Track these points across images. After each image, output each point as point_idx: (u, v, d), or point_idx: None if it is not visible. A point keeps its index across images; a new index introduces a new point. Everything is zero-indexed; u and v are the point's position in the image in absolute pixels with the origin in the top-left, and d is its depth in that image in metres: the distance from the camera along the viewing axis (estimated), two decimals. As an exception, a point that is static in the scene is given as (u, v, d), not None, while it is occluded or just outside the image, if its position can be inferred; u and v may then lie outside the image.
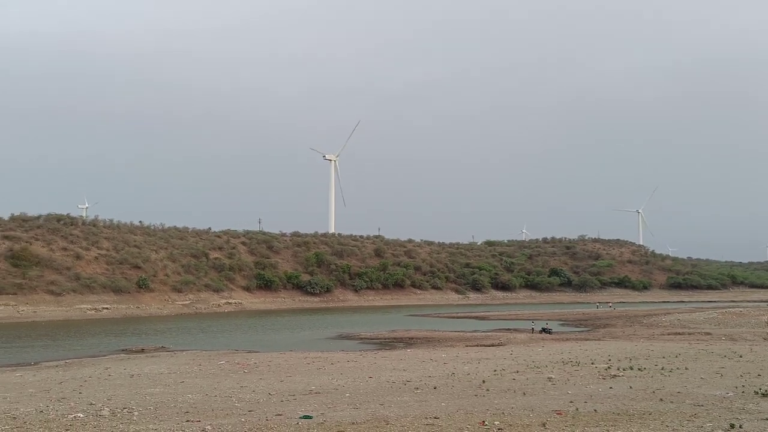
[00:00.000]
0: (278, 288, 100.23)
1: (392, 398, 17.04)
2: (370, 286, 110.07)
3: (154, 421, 13.86)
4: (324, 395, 18.10)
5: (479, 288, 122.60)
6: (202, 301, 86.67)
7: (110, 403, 16.92)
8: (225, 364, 29.03)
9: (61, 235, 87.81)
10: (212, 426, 12.91)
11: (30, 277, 74.67)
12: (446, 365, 26.22)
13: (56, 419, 14.28)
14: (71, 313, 71.07)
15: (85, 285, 77.59)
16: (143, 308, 78.68)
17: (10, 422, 13.86)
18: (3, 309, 68.38)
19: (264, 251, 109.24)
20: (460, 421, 12.95)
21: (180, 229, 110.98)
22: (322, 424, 12.98)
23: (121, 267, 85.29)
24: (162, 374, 25.26)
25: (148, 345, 41.72)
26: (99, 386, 21.73)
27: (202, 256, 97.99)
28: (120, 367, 28.80)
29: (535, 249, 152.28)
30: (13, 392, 20.55)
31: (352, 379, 22.25)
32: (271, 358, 31.69)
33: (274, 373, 25.03)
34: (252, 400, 17.32)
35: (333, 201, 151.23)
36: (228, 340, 47.49)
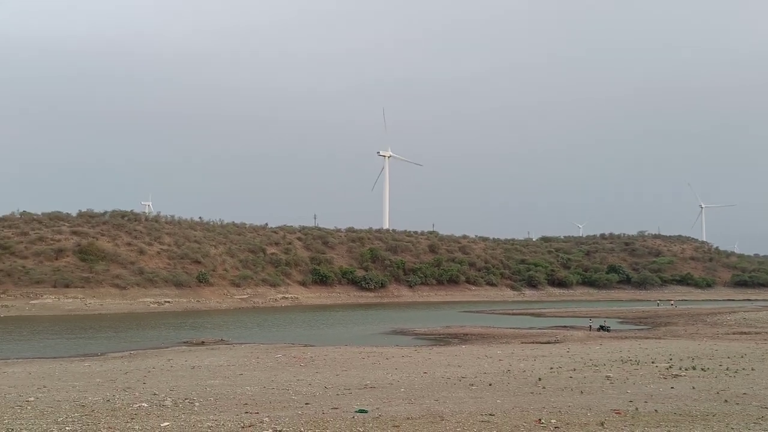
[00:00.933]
0: (333, 283, 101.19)
1: (447, 394, 17.02)
2: (425, 282, 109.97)
3: (214, 412, 14.23)
4: (379, 390, 18.22)
5: (535, 284, 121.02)
6: (260, 296, 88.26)
7: (172, 394, 17.45)
8: (282, 357, 29.52)
9: (126, 231, 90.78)
10: (270, 418, 13.16)
11: (96, 271, 77.50)
12: (501, 362, 26.02)
13: (122, 408, 14.82)
14: (135, 306, 73.46)
15: (148, 279, 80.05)
16: (203, 302, 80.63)
17: (79, 410, 14.45)
18: (72, 302, 71.22)
19: (319, 247, 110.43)
20: (516, 419, 12.85)
21: (238, 224, 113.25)
22: (377, 418, 13.08)
23: (182, 262, 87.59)
24: (221, 366, 25.88)
25: (208, 338, 42.76)
26: (162, 377, 22.42)
27: (259, 252, 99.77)
28: (181, 358, 29.63)
29: (593, 245, 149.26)
30: (82, 381, 21.40)
31: (407, 374, 22.32)
32: (327, 352, 32.05)
33: (330, 367, 25.32)
34: (308, 393, 17.58)
35: (387, 197, 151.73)
36: (284, 334, 48.24)
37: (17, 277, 72.72)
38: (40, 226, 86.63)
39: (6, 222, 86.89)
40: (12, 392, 18.32)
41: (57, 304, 70.26)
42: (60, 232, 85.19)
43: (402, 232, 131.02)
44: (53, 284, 73.32)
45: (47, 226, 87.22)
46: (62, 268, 76.52)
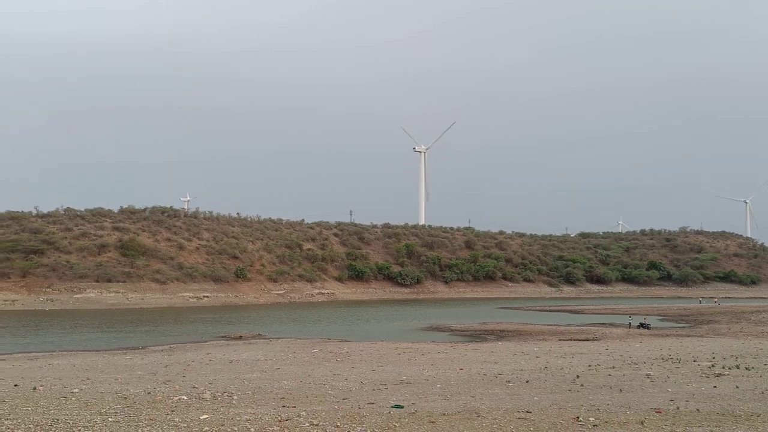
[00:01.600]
0: (369, 279, 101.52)
1: (483, 391, 16.95)
2: (461, 278, 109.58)
3: (252, 406, 14.41)
4: (415, 385, 18.23)
5: (573, 281, 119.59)
6: (296, 291, 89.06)
7: (211, 387, 17.72)
8: (318, 352, 29.74)
9: (165, 227, 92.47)
10: (307, 412, 13.27)
11: (137, 266, 79.12)
12: (538, 359, 25.80)
13: (162, 400, 15.11)
14: (174, 301, 74.82)
15: (187, 274, 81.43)
16: (241, 297, 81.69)
17: (122, 402, 14.79)
18: (114, 296, 72.88)
19: (355, 242, 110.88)
20: (553, 416, 12.72)
21: (275, 220, 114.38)
22: (413, 414, 13.09)
23: (220, 257, 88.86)
24: (259, 361, 26.19)
25: (245, 332, 43.30)
26: (201, 370, 22.80)
27: (295, 247, 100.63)
28: (220, 352, 30.08)
29: (633, 241, 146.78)
30: (124, 374, 21.89)
31: (443, 370, 22.28)
32: (363, 347, 32.18)
33: (366, 362, 25.42)
34: (345, 388, 17.68)
35: (423, 193, 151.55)
36: (321, 329, 48.59)
37: (62, 272, 74.69)
38: (84, 222, 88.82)
39: (51, 218, 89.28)
40: (57, 384, 18.84)
41: (99, 298, 71.97)
42: (102, 228, 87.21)
43: (438, 228, 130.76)
44: (96, 279, 75.11)
45: (90, 222, 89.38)
46: (104, 263, 78.32)
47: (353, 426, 11.77)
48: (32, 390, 17.22)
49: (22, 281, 72.59)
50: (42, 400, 15.01)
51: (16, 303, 67.77)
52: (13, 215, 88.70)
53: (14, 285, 71.84)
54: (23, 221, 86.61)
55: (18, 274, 73.08)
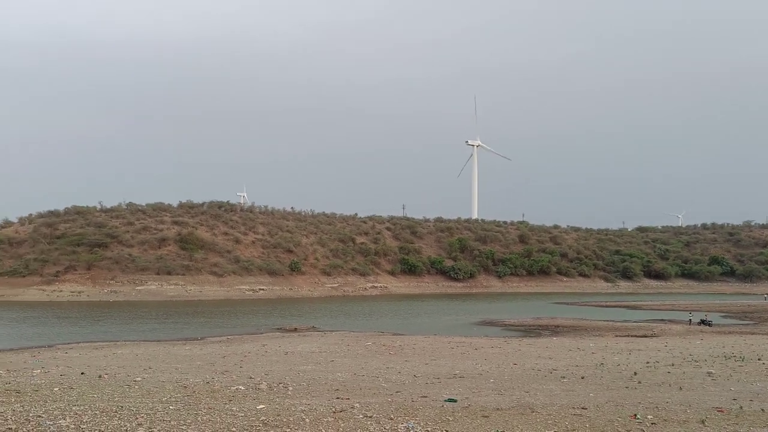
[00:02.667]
0: (422, 273, 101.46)
1: (537, 386, 16.79)
2: (514, 273, 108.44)
3: (307, 397, 14.65)
4: (468, 380, 18.19)
5: (630, 276, 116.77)
6: (350, 284, 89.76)
7: (267, 378, 18.08)
8: (372, 345, 29.96)
9: (222, 221, 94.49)
10: (360, 404, 13.41)
11: (196, 259, 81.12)
12: (594, 355, 25.37)
13: (220, 390, 15.50)
14: (231, 293, 76.43)
15: (243, 267, 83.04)
16: (295, 290, 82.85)
17: (182, 391, 15.24)
18: (173, 288, 74.98)
19: (408, 236, 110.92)
20: (610, 413, 12.52)
21: (328, 215, 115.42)
22: (466, 408, 13.08)
23: (275, 251, 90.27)
24: (313, 353, 26.56)
25: (300, 325, 43.93)
26: (257, 361, 23.27)
27: (349, 241, 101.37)
28: (275, 344, 30.63)
29: (693, 236, 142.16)
30: (184, 364, 22.53)
31: (497, 365, 22.15)
32: (416, 341, 32.26)
33: (419, 356, 25.49)
34: (398, 381, 17.77)
35: (476, 186, 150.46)
36: (374, 322, 48.88)
37: (124, 265, 77.20)
38: (145, 217, 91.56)
39: (114, 213, 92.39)
40: (121, 372, 19.54)
41: (160, 290, 74.13)
42: (162, 222, 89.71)
43: (491, 221, 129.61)
44: (157, 271, 77.36)
45: (151, 216, 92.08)
46: (165, 256, 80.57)
47: (406, 419, 11.84)
48: (98, 378, 17.92)
49: (88, 273, 75.38)
50: (107, 388, 15.61)
51: (82, 294, 70.46)
52: (78, 210, 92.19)
53: (80, 277, 74.67)
54: (88, 216, 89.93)
55: (84, 267, 75.91)
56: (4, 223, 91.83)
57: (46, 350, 28.87)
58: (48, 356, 25.78)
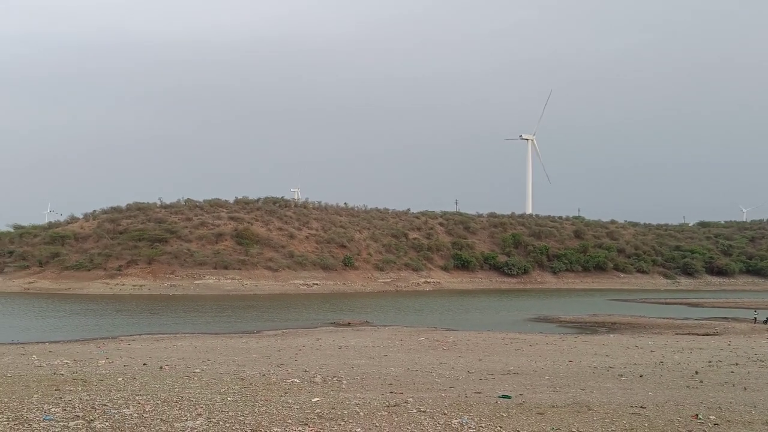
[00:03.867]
0: (475, 268, 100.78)
1: (594, 384, 16.51)
2: (570, 269, 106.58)
3: (360, 390, 14.77)
4: (522, 376, 18.02)
5: (691, 272, 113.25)
6: (402, 280, 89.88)
7: (322, 371, 18.30)
8: (425, 340, 29.97)
9: (277, 217, 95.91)
10: (414, 399, 13.45)
11: (251, 254, 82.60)
12: (653, 353, 24.77)
13: (276, 383, 15.78)
14: (286, 288, 77.56)
15: (297, 262, 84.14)
16: (348, 285, 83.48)
17: (239, 383, 15.59)
18: (230, 282, 76.57)
19: (461, 232, 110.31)
20: (670, 413, 12.21)
21: (381, 210, 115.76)
22: (521, 404, 12.97)
23: (329, 246, 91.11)
24: (367, 347, 26.74)
25: (353, 319, 44.26)
26: (312, 355, 23.58)
27: (401, 237, 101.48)
28: (329, 338, 30.96)
29: (758, 231, 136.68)
30: (240, 356, 23.01)
31: (551, 362, 21.87)
32: (469, 337, 32.11)
33: (473, 351, 25.37)
34: (451, 377, 17.74)
35: (530, 181, 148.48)
36: (426, 317, 48.86)
37: (183, 259, 79.22)
38: (202, 213, 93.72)
39: (173, 209, 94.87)
40: (181, 364, 20.09)
41: (217, 284, 75.81)
42: (219, 218, 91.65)
43: (546, 217, 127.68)
44: (214, 266, 79.13)
45: (208, 212, 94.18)
46: (221, 251, 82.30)
47: (460, 414, 11.82)
48: (159, 369, 18.48)
49: (149, 268, 77.66)
50: (168, 379, 16.08)
51: (143, 288, 72.67)
52: (140, 206, 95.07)
53: (142, 271, 77.02)
54: (149, 212, 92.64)
55: (145, 261, 78.25)
56: (71, 220, 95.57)
57: (110, 341, 29.92)
58: (112, 347, 26.72)
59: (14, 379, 15.47)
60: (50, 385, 14.42)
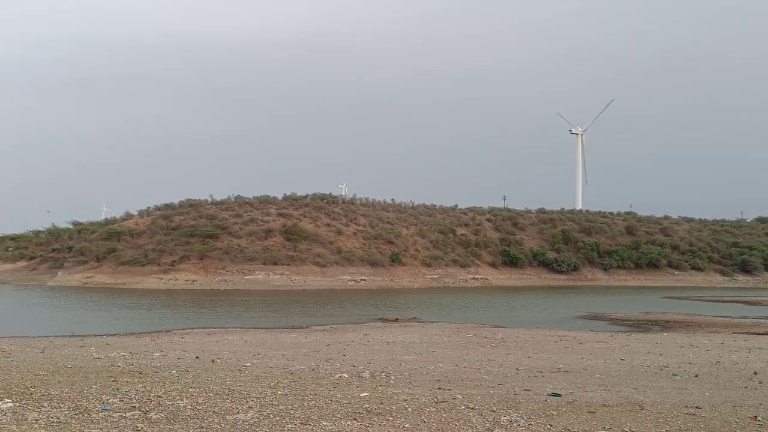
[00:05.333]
0: (524, 265, 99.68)
1: (647, 383, 16.17)
2: (621, 265, 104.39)
3: (408, 386, 14.81)
4: (572, 374, 17.78)
5: (749, 270, 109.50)
6: (450, 276, 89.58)
7: (370, 367, 18.41)
8: (473, 337, 29.82)
9: (325, 213, 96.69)
10: (462, 395, 13.42)
11: (300, 250, 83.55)
12: (709, 352, 24.09)
13: (325, 377, 15.96)
14: (334, 283, 78.20)
15: (345, 258, 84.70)
16: (396, 281, 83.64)
17: (289, 377, 15.82)
18: (279, 278, 77.65)
19: (509, 228, 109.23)
20: (727, 414, 11.88)
21: (428, 206, 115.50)
22: (571, 403, 12.81)
23: (376, 242, 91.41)
24: (414, 343, 26.76)
25: (401, 315, 44.33)
26: (360, 350, 23.73)
27: (449, 233, 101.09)
28: (377, 334, 31.09)
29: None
30: (290, 351, 23.33)
31: (602, 360, 21.50)
32: (518, 333, 31.82)
33: (521, 348, 25.14)
34: (500, 374, 17.63)
35: (580, 176, 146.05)
36: (474, 314, 48.58)
37: (233, 255, 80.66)
38: (252, 209, 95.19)
39: (223, 205, 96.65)
40: (232, 357, 20.49)
41: (267, 279, 76.96)
42: (268, 214, 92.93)
43: (596, 212, 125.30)
44: (263, 261, 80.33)
45: (257, 208, 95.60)
46: (271, 247, 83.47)
47: (509, 411, 11.74)
48: (211, 362, 18.89)
49: (200, 263, 79.34)
50: (219, 372, 16.43)
51: (196, 283, 74.31)
52: (191, 203, 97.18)
53: (194, 266, 78.73)
54: (200, 208, 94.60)
55: (197, 257, 79.97)
56: (126, 216, 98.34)
57: (164, 335, 30.70)
58: (166, 340, 27.41)
59: (74, 371, 16.05)
60: (108, 376, 14.91)
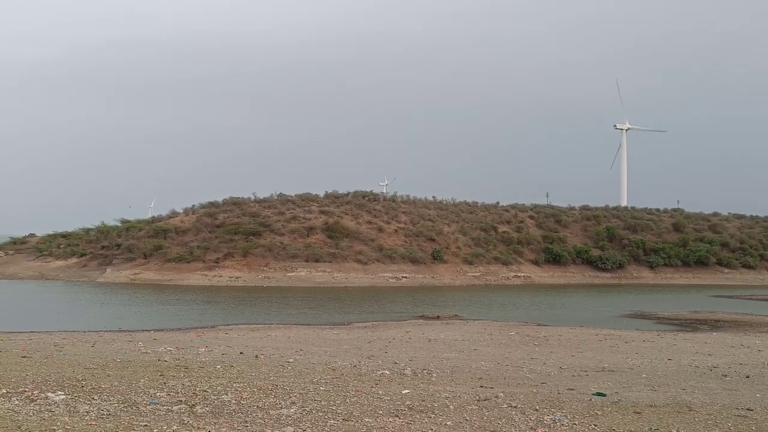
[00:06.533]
0: (567, 262, 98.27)
1: (695, 384, 15.79)
2: (668, 263, 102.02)
3: (450, 384, 14.77)
4: (618, 374, 17.48)
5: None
6: (492, 273, 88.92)
7: (411, 364, 18.42)
8: (515, 335, 29.57)
9: (366, 210, 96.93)
10: (505, 393, 13.32)
11: (341, 247, 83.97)
12: (761, 353, 23.41)
13: (367, 374, 16.03)
14: (375, 281, 78.42)
15: (386, 255, 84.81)
16: (437, 278, 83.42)
17: (331, 373, 15.94)
18: (321, 275, 78.22)
19: (552, 225, 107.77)
20: (780, 416, 11.53)
21: (469, 203, 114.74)
22: (616, 403, 12.60)
23: (417, 239, 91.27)
24: (456, 341, 26.67)
25: (442, 313, 44.19)
26: (401, 347, 23.76)
27: (490, 230, 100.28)
28: (419, 331, 31.08)
29: None
30: (332, 347, 23.50)
31: (649, 359, 21.08)
32: (561, 332, 31.44)
33: (565, 347, 24.83)
34: (543, 373, 17.44)
35: (625, 172, 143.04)
36: (516, 312, 48.15)
37: (276, 252, 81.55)
38: (294, 207, 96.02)
39: (266, 203, 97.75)
40: (275, 353, 20.74)
41: (309, 276, 77.60)
42: (310, 212, 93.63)
43: (642, 209, 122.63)
44: (305, 259, 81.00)
45: (299, 206, 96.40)
46: (312, 244, 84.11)
47: (553, 411, 11.61)
48: (255, 358, 19.16)
49: (244, 260, 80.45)
50: (263, 367, 16.65)
51: (239, 280, 75.42)
52: (235, 201, 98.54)
53: (237, 263, 79.88)
54: (243, 206, 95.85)
55: (240, 254, 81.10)
56: (172, 214, 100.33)
57: (209, 330, 31.26)
58: (211, 336, 27.91)
59: (123, 365, 16.46)
60: (155, 370, 15.25)
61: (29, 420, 9.37)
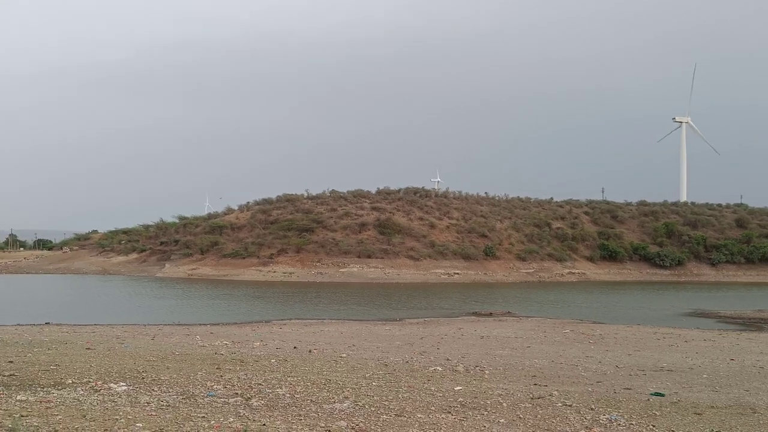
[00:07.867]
0: (623, 259, 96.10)
1: (760, 385, 15.24)
2: (731, 260, 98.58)
3: (503, 381, 14.65)
4: (677, 374, 17.02)
5: None
6: (545, 270, 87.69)
7: (464, 360, 18.35)
8: (570, 333, 29.11)
9: (417, 206, 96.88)
10: (559, 392, 13.14)
11: (393, 243, 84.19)
12: (831, 354, 22.40)
13: (419, 370, 16.04)
14: (427, 277, 78.32)
15: (438, 252, 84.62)
16: (490, 275, 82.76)
17: (383, 368, 16.01)
18: (373, 271, 78.62)
19: (607, 221, 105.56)
20: None
21: (522, 199, 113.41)
22: (675, 403, 12.28)
23: (470, 236, 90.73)
24: (509, 338, 26.42)
25: (495, 310, 43.81)
26: (453, 344, 23.68)
27: (544, 226, 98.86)
28: (471, 328, 30.91)
29: None
30: (384, 343, 23.60)
31: (710, 359, 20.45)
32: (617, 330, 30.79)
33: (621, 346, 24.31)
34: (598, 371, 17.13)
35: (684, 167, 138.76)
36: (571, 309, 47.35)
37: (329, 248, 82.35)
38: (346, 203, 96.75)
39: (319, 200, 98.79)
40: (328, 348, 20.96)
41: (361, 272, 78.08)
42: (362, 208, 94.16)
43: (702, 204, 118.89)
44: (358, 255, 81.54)
45: (351, 202, 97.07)
46: (365, 240, 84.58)
47: (609, 410, 11.40)
48: (308, 352, 19.40)
49: (297, 256, 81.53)
50: (316, 362, 16.86)
51: (293, 275, 76.48)
52: (288, 197, 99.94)
53: (291, 259, 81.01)
54: (297, 203, 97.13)
55: (293, 250, 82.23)
56: (227, 211, 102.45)
57: (263, 325, 31.78)
58: (265, 330, 28.38)
59: (181, 358, 16.92)
60: (212, 364, 15.62)
61: (93, 409, 9.73)
